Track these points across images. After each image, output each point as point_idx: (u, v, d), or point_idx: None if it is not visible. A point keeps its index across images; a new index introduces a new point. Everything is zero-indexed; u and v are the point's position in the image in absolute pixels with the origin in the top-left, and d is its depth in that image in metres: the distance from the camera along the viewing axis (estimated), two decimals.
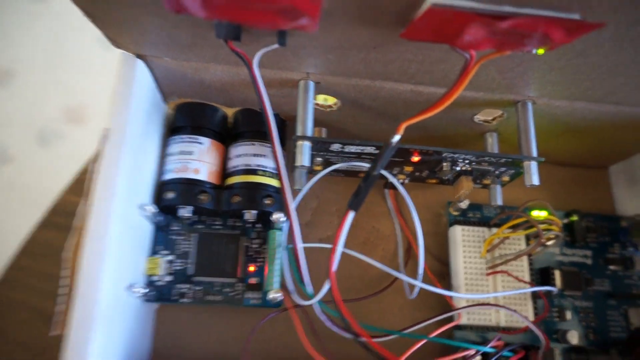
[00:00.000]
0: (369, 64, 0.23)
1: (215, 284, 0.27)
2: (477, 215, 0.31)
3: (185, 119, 0.29)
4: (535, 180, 0.25)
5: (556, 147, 0.33)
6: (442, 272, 0.31)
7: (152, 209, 0.25)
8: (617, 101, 0.26)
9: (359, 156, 0.26)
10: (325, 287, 0.22)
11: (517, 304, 0.28)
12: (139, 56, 0.25)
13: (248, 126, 0.29)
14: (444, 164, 0.26)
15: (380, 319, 0.30)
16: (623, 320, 0.30)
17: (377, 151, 0.25)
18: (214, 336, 0.28)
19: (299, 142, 0.25)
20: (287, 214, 0.24)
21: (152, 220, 0.27)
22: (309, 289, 0.24)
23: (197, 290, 0.27)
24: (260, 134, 0.29)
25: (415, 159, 0.26)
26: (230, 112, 0.30)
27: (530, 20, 0.16)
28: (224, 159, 0.29)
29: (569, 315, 0.30)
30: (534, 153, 0.26)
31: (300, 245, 0.23)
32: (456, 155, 0.25)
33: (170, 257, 0.27)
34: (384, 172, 0.27)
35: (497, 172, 0.27)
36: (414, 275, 0.30)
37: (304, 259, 0.24)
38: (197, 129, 0.28)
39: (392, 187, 0.32)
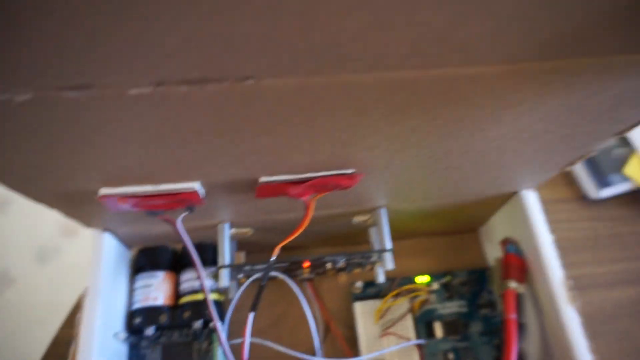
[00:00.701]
0: (256, 208, 0.34)
1: None
2: (376, 290, 0.41)
3: (144, 260, 0.39)
4: (389, 265, 0.35)
5: (428, 225, 0.44)
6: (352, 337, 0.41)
7: (122, 335, 0.35)
8: (442, 197, 0.37)
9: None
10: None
11: (406, 357, 0.38)
12: (105, 229, 0.36)
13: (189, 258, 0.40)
14: (327, 264, 0.37)
15: None
16: (495, 351, 0.39)
17: (278, 264, 0.36)
18: None
19: (221, 270, 0.35)
20: (214, 324, 0.34)
21: (125, 342, 0.37)
22: None
23: None
24: (201, 262, 0.39)
25: (306, 265, 0.36)
26: (179, 247, 0.41)
27: (323, 179, 0.27)
28: (177, 284, 0.40)
29: (451, 356, 0.39)
30: (387, 246, 0.36)
31: (224, 339, 0.33)
32: (332, 257, 0.36)
33: None
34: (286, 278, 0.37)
35: (369, 260, 0.38)
36: (334, 348, 0.39)
37: (228, 349, 0.33)
38: (154, 265, 0.39)
39: (308, 280, 0.42)
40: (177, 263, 0.40)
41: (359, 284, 0.40)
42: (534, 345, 0.37)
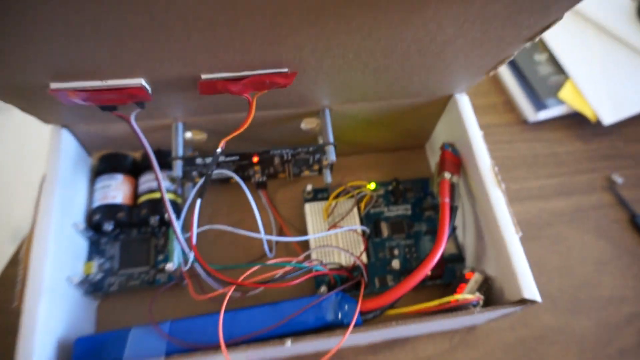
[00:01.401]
0: (208, 107, 0.37)
1: (135, 273, 0.39)
2: (325, 195, 0.44)
3: (104, 164, 0.41)
4: (332, 157, 0.38)
5: (375, 139, 0.46)
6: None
7: (81, 225, 0.37)
8: (381, 98, 0.40)
9: (219, 165, 0.39)
10: (191, 257, 0.34)
11: (353, 247, 0.40)
12: (64, 126, 0.38)
13: (147, 162, 0.42)
14: (275, 159, 0.39)
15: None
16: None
17: (225, 159, 0.38)
18: (142, 312, 0.39)
19: (174, 161, 0.37)
20: (168, 215, 0.36)
21: (85, 236, 0.39)
22: (190, 255, 0.35)
23: (121, 280, 0.38)
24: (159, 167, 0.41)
25: (255, 159, 0.39)
26: (138, 155, 0.43)
27: (259, 77, 0.30)
28: (136, 187, 0.42)
29: (396, 252, 0.42)
30: (330, 140, 0.39)
31: (178, 229, 0.35)
32: (278, 151, 0.38)
33: (101, 261, 0.39)
34: (236, 178, 0.40)
35: (315, 158, 0.40)
36: (284, 250, 0.42)
37: (182, 238, 0.36)
38: (113, 169, 0.41)
39: (262, 186, 0.44)
40: (136, 170, 0.43)
41: (309, 188, 0.42)
42: (470, 233, 0.40)
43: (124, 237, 0.40)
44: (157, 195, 0.40)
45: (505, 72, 0.56)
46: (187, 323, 0.32)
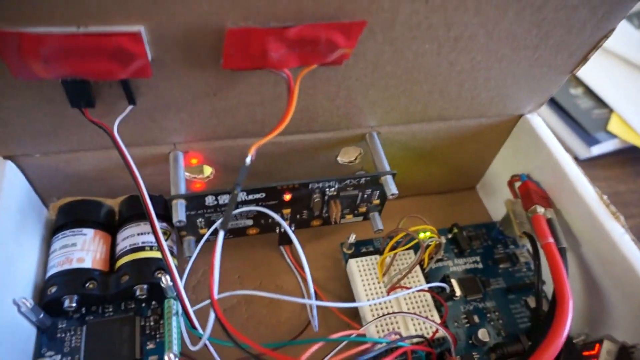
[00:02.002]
0: (220, 117, 0.27)
1: None
2: (370, 249, 0.33)
3: (67, 216, 0.29)
4: (393, 189, 0.28)
5: (422, 178, 0.37)
6: (353, 312, 0.31)
7: (29, 302, 0.24)
8: (441, 118, 0.31)
9: (236, 206, 0.28)
10: (211, 316, 0.22)
11: (421, 322, 0.29)
12: (8, 157, 0.26)
13: (132, 210, 0.30)
14: (314, 196, 0.29)
15: None
16: (526, 309, 0.32)
17: (248, 196, 0.27)
18: None
19: (174, 202, 0.26)
20: (171, 275, 0.24)
21: (34, 322, 0.26)
22: (200, 331, 0.23)
23: None
24: (144, 216, 0.30)
25: (287, 197, 0.28)
26: (116, 204, 0.31)
27: (311, 27, 0.21)
28: (112, 246, 0.29)
29: (476, 318, 0.31)
30: (386, 167, 0.29)
31: (183, 292, 0.23)
32: (321, 185, 0.28)
33: (56, 358, 0.25)
34: (276, 216, 0.29)
35: (365, 196, 0.30)
36: (324, 320, 0.30)
37: (189, 307, 0.24)
38: (80, 222, 0.29)
39: (286, 242, 0.33)
40: (111, 225, 0.31)
41: (352, 238, 0.32)
42: (572, 288, 0.30)
43: (93, 319, 0.27)
44: (144, 254, 0.28)
45: (544, 110, 0.50)
46: None
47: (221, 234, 0.22)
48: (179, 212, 0.26)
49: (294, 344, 0.28)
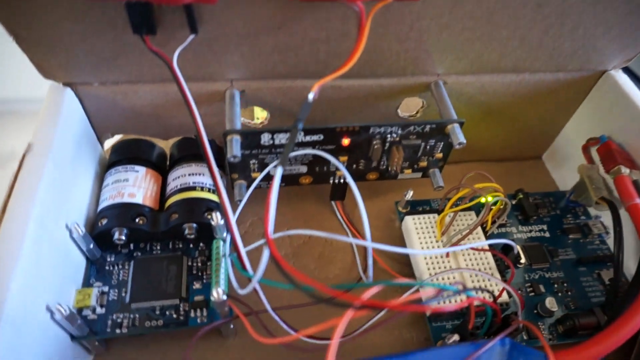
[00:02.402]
0: (282, 54, 0.25)
1: (156, 307, 0.24)
2: (426, 208, 0.31)
3: (120, 153, 0.29)
4: (461, 138, 0.26)
5: (486, 141, 0.35)
6: (406, 272, 0.30)
7: (81, 229, 0.24)
8: (516, 69, 0.29)
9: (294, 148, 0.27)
10: (265, 255, 0.20)
11: (485, 280, 0.27)
12: (68, 84, 0.26)
13: (184, 152, 0.30)
14: (374, 142, 0.27)
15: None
16: (599, 283, 0.29)
17: (305, 137, 0.26)
18: None
19: (229, 137, 0.25)
20: (225, 214, 0.23)
21: (84, 252, 0.25)
22: (251, 272, 0.22)
23: (134, 318, 0.24)
24: (196, 157, 0.29)
25: (346, 141, 0.26)
26: (167, 146, 0.31)
27: None
28: (163, 186, 0.29)
29: (542, 288, 0.28)
30: (454, 115, 0.27)
31: (237, 234, 0.22)
32: (383, 129, 0.26)
33: (104, 288, 0.25)
34: (333, 161, 0.27)
35: (427, 147, 0.28)
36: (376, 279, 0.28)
37: (242, 246, 0.22)
38: (133, 160, 0.29)
39: (339, 197, 0.32)
40: (163, 166, 0.30)
41: (409, 194, 0.30)
42: None
43: (141, 255, 0.27)
44: (194, 194, 0.27)
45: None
46: None
47: (279, 170, 0.21)
48: (234, 148, 0.24)
49: (361, 286, 0.27)
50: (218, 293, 0.22)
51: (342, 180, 0.30)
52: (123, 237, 0.25)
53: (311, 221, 0.32)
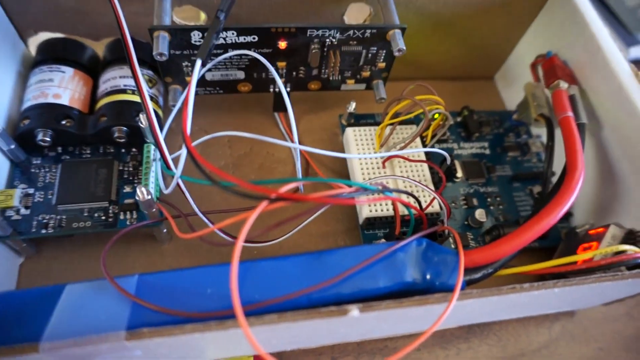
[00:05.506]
0: None
1: (84, 209, 0.24)
2: (370, 121, 0.31)
3: (46, 53, 0.27)
4: (401, 44, 0.25)
5: (437, 58, 0.34)
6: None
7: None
8: None
9: (225, 50, 0.25)
10: (183, 151, 0.20)
11: (417, 189, 0.27)
12: None
13: (116, 54, 0.28)
14: (312, 46, 0.26)
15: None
16: (530, 199, 0.30)
17: (239, 38, 0.25)
18: (93, 270, 0.25)
19: (156, 33, 0.23)
20: (147, 112, 0.22)
21: (5, 152, 0.24)
22: (174, 170, 0.21)
23: (61, 219, 0.24)
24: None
25: (282, 44, 0.25)
26: (100, 49, 0.29)
27: None
28: (93, 89, 0.28)
29: (475, 201, 0.29)
30: (396, 21, 0.26)
31: (159, 132, 0.21)
32: (321, 32, 0.25)
33: (29, 190, 0.24)
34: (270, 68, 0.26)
35: (369, 56, 0.27)
36: (314, 190, 0.28)
37: (164, 145, 0.22)
38: (59, 60, 0.27)
39: (281, 108, 0.31)
40: (94, 69, 0.28)
41: (352, 106, 0.29)
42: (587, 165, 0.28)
43: (70, 158, 0.26)
44: (125, 96, 0.26)
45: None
46: (170, 277, 0.18)
47: (198, 62, 0.20)
48: (160, 45, 0.23)
49: (281, 181, 0.27)
50: (142, 192, 0.22)
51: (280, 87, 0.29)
52: (47, 139, 0.24)
53: (253, 131, 0.31)
